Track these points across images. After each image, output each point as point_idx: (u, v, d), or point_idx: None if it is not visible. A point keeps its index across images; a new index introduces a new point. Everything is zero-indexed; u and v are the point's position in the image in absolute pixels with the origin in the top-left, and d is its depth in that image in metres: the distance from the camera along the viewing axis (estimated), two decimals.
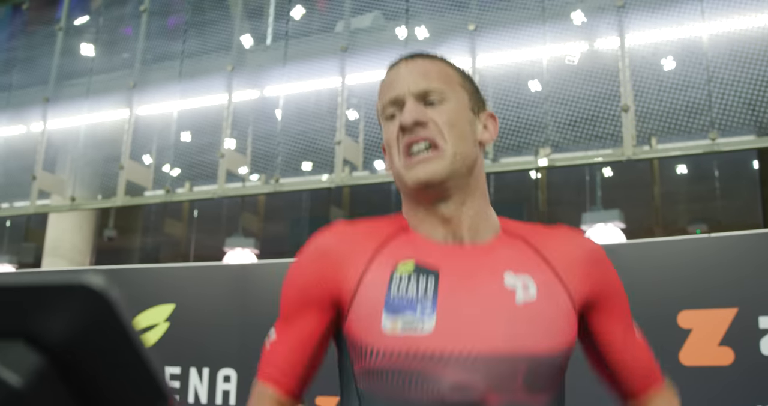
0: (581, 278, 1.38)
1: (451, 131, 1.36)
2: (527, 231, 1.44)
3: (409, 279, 1.32)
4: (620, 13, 5.48)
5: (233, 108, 6.90)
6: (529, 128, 5.64)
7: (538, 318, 1.30)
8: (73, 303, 0.47)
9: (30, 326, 0.48)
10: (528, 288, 1.32)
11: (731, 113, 5.04)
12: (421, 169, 1.34)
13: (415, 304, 1.29)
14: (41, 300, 0.47)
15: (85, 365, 0.48)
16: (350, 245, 1.39)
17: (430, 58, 1.46)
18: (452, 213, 1.38)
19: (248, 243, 8.24)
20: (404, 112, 1.37)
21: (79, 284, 0.46)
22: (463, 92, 1.43)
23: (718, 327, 4.47)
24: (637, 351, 1.45)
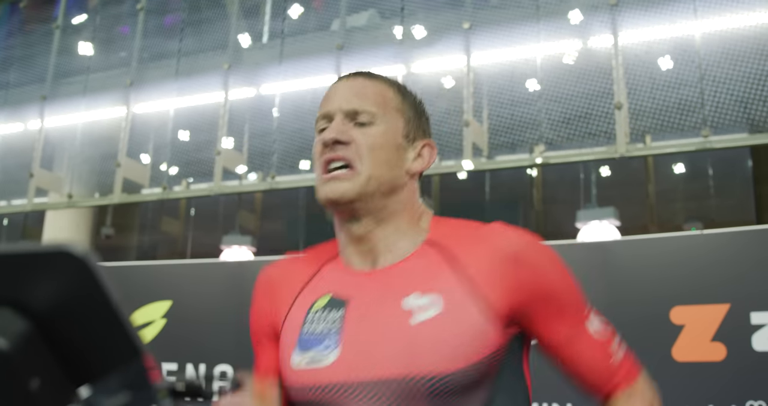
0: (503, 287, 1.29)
1: (371, 155, 1.35)
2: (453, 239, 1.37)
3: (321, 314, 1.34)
4: (614, 12, 5.50)
5: (230, 106, 6.92)
6: (524, 126, 5.66)
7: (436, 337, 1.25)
8: (56, 269, 0.50)
9: (16, 293, 0.51)
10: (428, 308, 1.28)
11: (724, 111, 5.07)
12: (331, 186, 1.34)
13: (322, 339, 1.31)
14: (26, 267, 0.50)
15: (67, 329, 0.51)
16: (285, 280, 1.44)
17: (373, 78, 1.44)
18: (362, 234, 1.36)
19: (245, 241, 8.25)
20: (328, 129, 1.37)
21: (61, 250, 0.49)
22: (398, 118, 1.41)
23: (710, 323, 4.50)
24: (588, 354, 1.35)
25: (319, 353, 1.30)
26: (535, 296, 1.31)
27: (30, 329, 0.51)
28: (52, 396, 0.50)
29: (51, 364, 0.51)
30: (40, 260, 0.50)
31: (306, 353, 1.32)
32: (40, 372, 0.50)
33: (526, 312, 1.31)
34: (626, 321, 4.56)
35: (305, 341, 1.33)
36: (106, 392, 0.48)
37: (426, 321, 1.26)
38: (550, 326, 1.33)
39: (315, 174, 1.40)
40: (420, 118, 1.46)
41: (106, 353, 0.50)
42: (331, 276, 1.41)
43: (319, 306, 1.36)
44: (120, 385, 0.48)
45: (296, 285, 1.42)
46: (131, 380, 0.48)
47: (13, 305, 0.51)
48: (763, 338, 4.35)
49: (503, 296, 1.29)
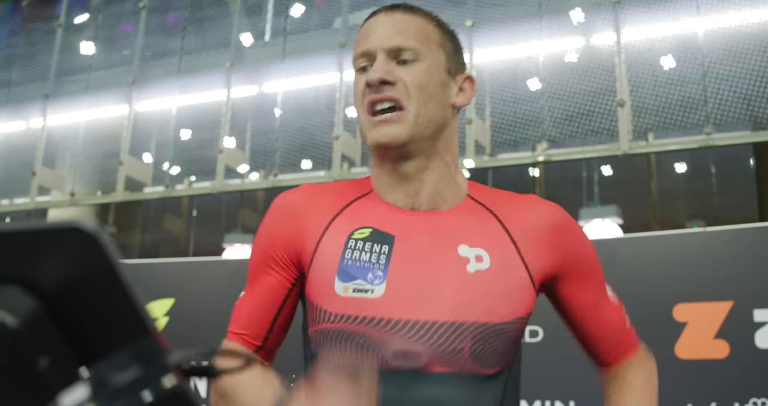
0: (543, 250, 1.34)
1: (419, 93, 1.31)
2: (494, 199, 1.40)
3: (363, 245, 1.31)
4: (616, 9, 5.50)
5: (232, 104, 6.92)
6: (526, 124, 5.66)
7: (488, 288, 1.27)
8: (66, 246, 0.49)
9: (25, 271, 0.51)
10: (482, 258, 1.30)
11: (727, 108, 5.06)
12: (381, 130, 1.30)
13: (367, 270, 1.28)
14: (35, 244, 0.50)
15: (76, 307, 0.51)
16: (313, 206, 1.39)
17: (412, 11, 1.39)
18: (413, 173, 1.34)
19: (247, 239, 8.24)
20: (372, 69, 1.32)
21: (71, 226, 0.49)
22: (440, 52, 1.37)
23: (713, 320, 4.49)
24: (608, 317, 1.43)
25: (364, 283, 1.28)
26: (571, 262, 1.37)
27: (39, 308, 0.51)
28: (61, 375, 0.50)
29: (60, 343, 0.51)
30: (49, 237, 0.50)
31: (350, 282, 1.28)
32: (48, 351, 0.50)
33: (561, 276, 1.37)
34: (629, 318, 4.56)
35: (348, 269, 1.30)
36: (116, 368, 0.48)
37: (480, 272, 1.29)
38: (582, 290, 1.40)
39: (359, 116, 1.36)
40: (458, 51, 1.43)
41: (116, 332, 0.50)
42: (369, 209, 1.37)
43: (361, 236, 1.33)
44: (130, 360, 0.48)
45: (326, 213, 1.38)
46: (142, 356, 0.48)
47: (22, 283, 0.51)
48: (767, 335, 4.34)
49: (544, 260, 1.34)
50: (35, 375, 0.50)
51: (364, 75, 1.34)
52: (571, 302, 1.40)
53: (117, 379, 0.47)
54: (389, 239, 1.32)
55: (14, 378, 0.50)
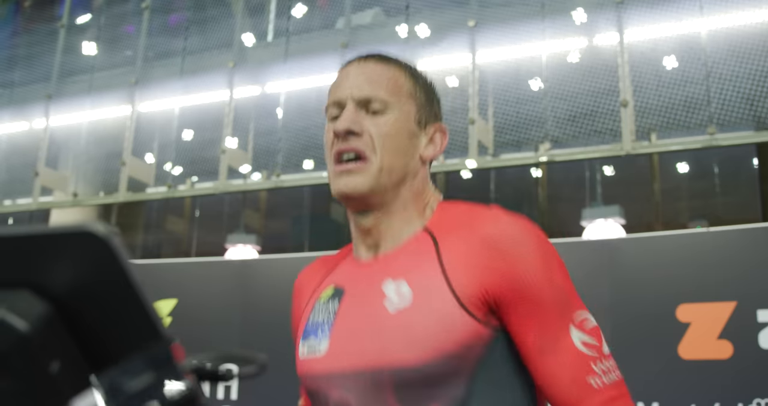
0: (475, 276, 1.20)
1: (385, 144, 1.31)
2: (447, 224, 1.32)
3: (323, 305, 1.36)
4: (619, 9, 5.49)
5: (234, 104, 6.92)
6: (529, 124, 5.66)
7: (408, 327, 1.20)
8: (77, 250, 0.49)
9: (36, 275, 0.51)
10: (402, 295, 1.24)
11: (730, 108, 5.06)
12: (343, 181, 1.30)
13: (317, 329, 1.33)
14: (47, 248, 0.50)
15: (88, 312, 0.51)
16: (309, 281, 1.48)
17: (384, 61, 1.38)
18: (371, 225, 1.34)
19: (250, 240, 8.25)
20: (340, 118, 1.32)
21: (82, 230, 0.49)
22: (410, 104, 1.36)
23: (717, 321, 4.49)
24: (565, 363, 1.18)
25: (315, 342, 1.32)
26: (509, 288, 1.20)
27: (50, 312, 0.50)
28: (72, 379, 0.50)
29: (71, 347, 0.51)
30: (60, 241, 0.50)
31: (306, 343, 1.35)
32: (59, 355, 0.50)
33: (501, 306, 1.21)
34: (632, 319, 4.56)
35: (307, 331, 1.36)
36: (129, 373, 0.48)
37: (401, 311, 1.23)
38: (525, 326, 1.20)
39: (327, 165, 1.36)
40: (432, 102, 1.42)
41: (128, 337, 0.50)
42: (341, 269, 1.42)
43: (325, 297, 1.37)
44: (143, 366, 0.48)
45: (315, 283, 1.45)
46: (155, 362, 0.48)
47: (33, 288, 0.51)
48: None
49: (474, 285, 1.20)
50: (46, 379, 0.50)
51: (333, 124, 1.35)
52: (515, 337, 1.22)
53: (130, 385, 0.47)
54: (340, 293, 1.35)
55: (25, 382, 0.50)
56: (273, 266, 6.02)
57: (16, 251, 0.51)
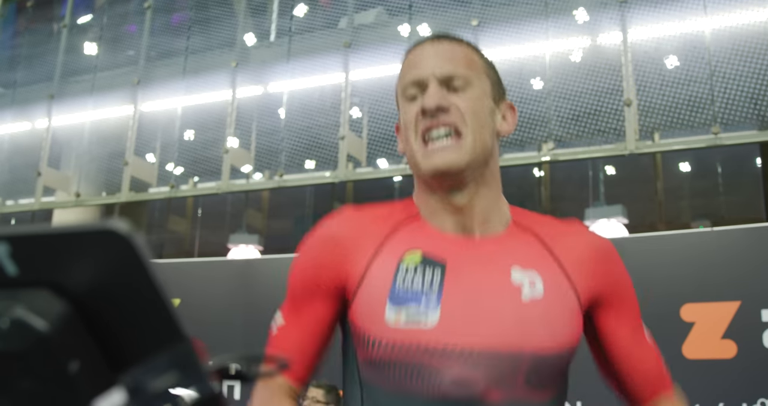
0: (589, 276, 1.34)
1: (473, 119, 1.32)
2: (538, 224, 1.40)
3: (415, 270, 1.29)
4: (622, 8, 5.49)
5: (237, 104, 6.92)
6: (532, 123, 5.65)
7: (544, 316, 1.27)
8: (98, 249, 0.49)
9: (55, 275, 0.50)
10: (535, 284, 1.30)
11: (734, 108, 5.05)
12: (439, 157, 1.30)
13: (420, 296, 1.26)
14: (67, 247, 0.50)
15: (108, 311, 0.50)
16: (358, 231, 1.36)
17: (457, 41, 1.41)
18: (465, 203, 1.34)
19: (252, 239, 8.25)
20: (427, 95, 1.32)
21: (103, 229, 0.48)
22: (486, 80, 1.39)
23: (720, 320, 4.50)
24: (644, 354, 1.39)
25: (417, 310, 1.26)
26: (610, 293, 1.37)
27: (69, 311, 0.50)
28: (92, 379, 0.50)
29: (91, 347, 0.50)
30: (80, 239, 0.49)
31: (401, 309, 1.27)
32: (79, 355, 0.50)
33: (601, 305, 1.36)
34: None
35: (400, 294, 1.28)
36: (153, 373, 0.47)
37: (535, 300, 1.28)
38: (617, 325, 1.38)
39: (409, 145, 1.35)
40: (500, 80, 1.45)
41: (149, 337, 0.49)
42: (417, 236, 1.35)
43: (412, 261, 1.31)
44: (168, 366, 0.47)
45: (374, 238, 1.36)
46: (179, 362, 0.47)
47: (52, 287, 0.50)
48: None
49: (589, 285, 1.34)
50: (66, 380, 0.49)
51: (416, 103, 1.35)
52: (610, 334, 1.38)
53: (154, 384, 0.47)
54: (441, 265, 1.30)
55: (45, 383, 0.50)
56: (275, 266, 6.02)
57: (35, 250, 0.51)
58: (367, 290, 1.31)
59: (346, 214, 1.41)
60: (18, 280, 0.51)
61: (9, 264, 0.51)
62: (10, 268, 0.51)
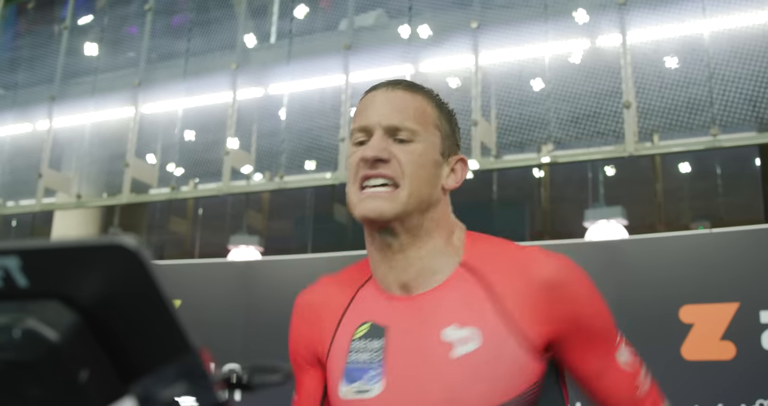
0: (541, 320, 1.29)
1: (413, 173, 1.32)
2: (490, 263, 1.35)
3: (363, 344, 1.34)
4: (622, 11, 5.50)
5: (238, 106, 6.94)
6: (532, 125, 5.67)
7: (477, 373, 1.25)
8: (107, 263, 0.51)
9: (66, 287, 0.52)
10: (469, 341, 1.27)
11: (732, 109, 5.07)
12: (369, 204, 1.31)
13: (365, 371, 1.32)
14: (77, 261, 0.51)
15: (117, 322, 0.52)
16: (324, 306, 1.44)
17: (412, 90, 1.40)
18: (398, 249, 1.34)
19: (252, 241, 8.26)
20: (368, 145, 1.33)
21: (112, 244, 0.50)
22: (436, 134, 1.38)
23: (719, 322, 4.50)
24: (613, 387, 1.35)
25: (364, 383, 1.31)
26: (569, 327, 1.31)
27: (79, 323, 0.52)
28: (102, 389, 0.51)
29: (100, 357, 0.52)
30: (90, 253, 0.51)
31: (353, 384, 1.33)
32: (89, 365, 0.51)
33: (560, 343, 1.31)
34: (635, 320, 4.57)
35: (351, 371, 1.34)
36: (163, 383, 0.49)
37: (465, 355, 1.26)
38: (582, 357, 1.33)
39: (349, 189, 1.36)
40: (453, 132, 1.43)
41: (157, 348, 0.51)
42: (368, 301, 1.39)
43: (361, 334, 1.36)
44: (176, 376, 0.49)
45: (336, 311, 1.42)
46: (188, 372, 0.49)
47: (63, 299, 0.52)
48: None
49: (540, 328, 1.28)
50: (75, 389, 0.51)
51: (360, 149, 1.35)
52: (574, 369, 1.35)
53: (163, 394, 0.48)
54: (382, 332, 1.34)
55: (55, 392, 0.52)
56: (276, 267, 6.04)
57: (45, 263, 0.53)
58: (330, 365, 1.39)
59: (320, 283, 1.49)
60: (29, 292, 0.53)
61: (20, 277, 0.53)
62: (21, 280, 0.53)
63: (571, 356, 1.33)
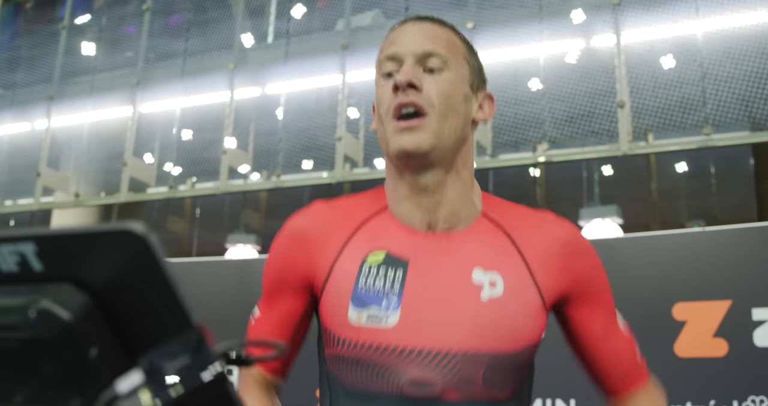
0: (555, 274, 1.33)
1: (444, 102, 1.30)
2: (509, 217, 1.37)
3: (378, 270, 1.31)
4: (616, 11, 5.54)
5: (235, 105, 6.97)
6: (527, 125, 5.70)
7: (502, 316, 1.27)
8: (116, 247, 0.55)
9: (78, 271, 0.57)
10: (495, 285, 1.29)
11: (725, 109, 5.10)
12: (406, 137, 1.28)
13: (381, 297, 1.28)
14: (88, 246, 0.56)
15: (125, 303, 0.57)
16: (326, 227, 1.38)
17: (441, 23, 1.39)
18: (432, 188, 1.32)
19: (250, 239, 8.30)
20: (401, 71, 1.30)
21: (121, 229, 0.54)
22: (465, 66, 1.37)
23: (712, 319, 4.53)
24: (618, 346, 1.39)
25: (378, 310, 1.28)
26: (582, 286, 1.35)
27: (90, 303, 0.56)
28: (110, 364, 0.56)
29: (109, 335, 0.56)
30: (100, 238, 0.55)
31: (364, 309, 1.29)
32: (98, 342, 0.56)
33: (571, 299, 1.35)
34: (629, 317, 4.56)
35: (362, 295, 1.30)
36: (168, 356, 0.54)
37: (494, 299, 1.28)
38: (591, 316, 1.37)
39: (383, 122, 1.33)
40: (481, 68, 1.43)
41: (162, 326, 0.55)
42: (383, 231, 1.36)
43: (375, 261, 1.32)
44: (180, 350, 0.54)
45: (340, 235, 1.37)
46: (190, 346, 0.54)
47: (75, 281, 0.57)
48: (765, 333, 4.38)
49: (556, 282, 1.33)
50: (86, 364, 0.56)
51: (390, 80, 1.33)
52: (580, 327, 1.38)
53: (168, 366, 0.53)
54: (403, 264, 1.31)
55: (68, 367, 0.56)
56: None
57: (60, 249, 0.57)
58: (332, 289, 1.33)
59: (316, 208, 1.43)
60: (44, 275, 0.58)
61: (35, 261, 0.57)
62: (36, 265, 0.58)
63: (580, 314, 1.37)
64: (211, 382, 0.53)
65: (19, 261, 0.57)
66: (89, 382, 0.56)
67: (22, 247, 0.57)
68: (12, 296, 0.57)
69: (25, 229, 0.57)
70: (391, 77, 1.34)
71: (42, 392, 0.58)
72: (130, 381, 0.53)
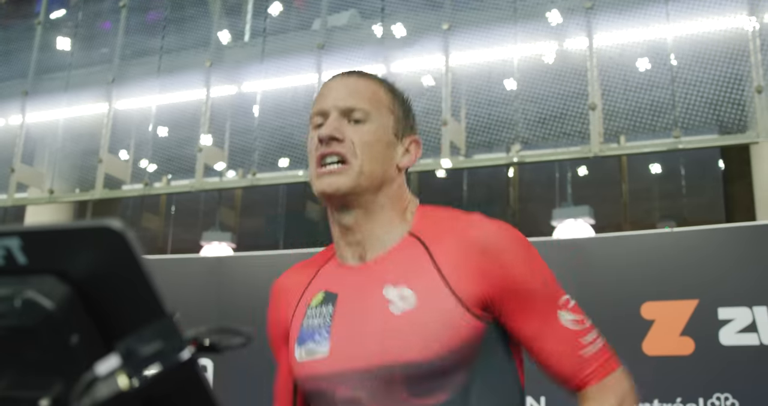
0: (471, 276, 1.35)
1: (365, 151, 1.42)
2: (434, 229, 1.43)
3: (316, 310, 1.45)
4: (589, 15, 5.61)
5: (211, 103, 6.98)
6: (500, 125, 5.76)
7: (415, 327, 1.32)
8: (96, 242, 0.60)
9: (60, 263, 0.62)
10: (406, 298, 1.35)
11: (694, 112, 5.19)
12: (326, 180, 1.40)
13: (315, 333, 1.42)
14: (69, 240, 0.61)
15: (103, 294, 0.62)
16: (291, 284, 1.56)
17: (366, 77, 1.51)
18: (353, 225, 1.44)
19: (225, 237, 8.31)
20: (324, 125, 1.43)
21: (102, 226, 0.59)
22: (389, 116, 1.48)
23: (679, 318, 4.59)
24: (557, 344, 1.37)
25: (314, 345, 1.41)
26: (502, 288, 1.35)
27: (71, 294, 0.61)
28: (90, 349, 0.60)
29: (88, 323, 0.61)
30: (81, 234, 0.60)
31: (304, 346, 1.43)
32: (79, 329, 0.60)
33: (497, 304, 1.36)
34: (598, 316, 4.61)
35: (303, 335, 1.44)
36: (143, 341, 0.59)
37: (407, 312, 1.34)
38: (520, 319, 1.37)
39: (310, 168, 1.46)
40: (407, 115, 1.53)
41: (137, 315, 0.60)
42: (327, 273, 1.51)
43: (316, 302, 1.46)
44: (154, 336, 0.59)
45: (300, 288, 1.53)
46: (163, 332, 0.59)
47: (57, 273, 0.61)
48: (730, 332, 4.44)
49: (473, 288, 1.34)
50: (67, 350, 0.60)
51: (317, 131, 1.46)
52: (515, 330, 1.39)
53: (143, 350, 0.58)
54: (333, 298, 1.44)
55: (50, 353, 0.61)
56: (248, 264, 6.08)
57: (43, 243, 0.62)
58: (291, 335, 1.49)
59: (294, 266, 1.61)
60: (28, 268, 0.62)
61: (20, 255, 0.62)
62: (21, 258, 0.62)
63: (511, 320, 1.37)
64: (182, 364, 0.58)
65: (5, 255, 0.62)
66: (70, 366, 0.60)
67: (7, 241, 0.62)
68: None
69: (10, 225, 0.62)
70: (318, 129, 1.46)
71: (26, 376, 0.62)
72: (108, 365, 0.58)
